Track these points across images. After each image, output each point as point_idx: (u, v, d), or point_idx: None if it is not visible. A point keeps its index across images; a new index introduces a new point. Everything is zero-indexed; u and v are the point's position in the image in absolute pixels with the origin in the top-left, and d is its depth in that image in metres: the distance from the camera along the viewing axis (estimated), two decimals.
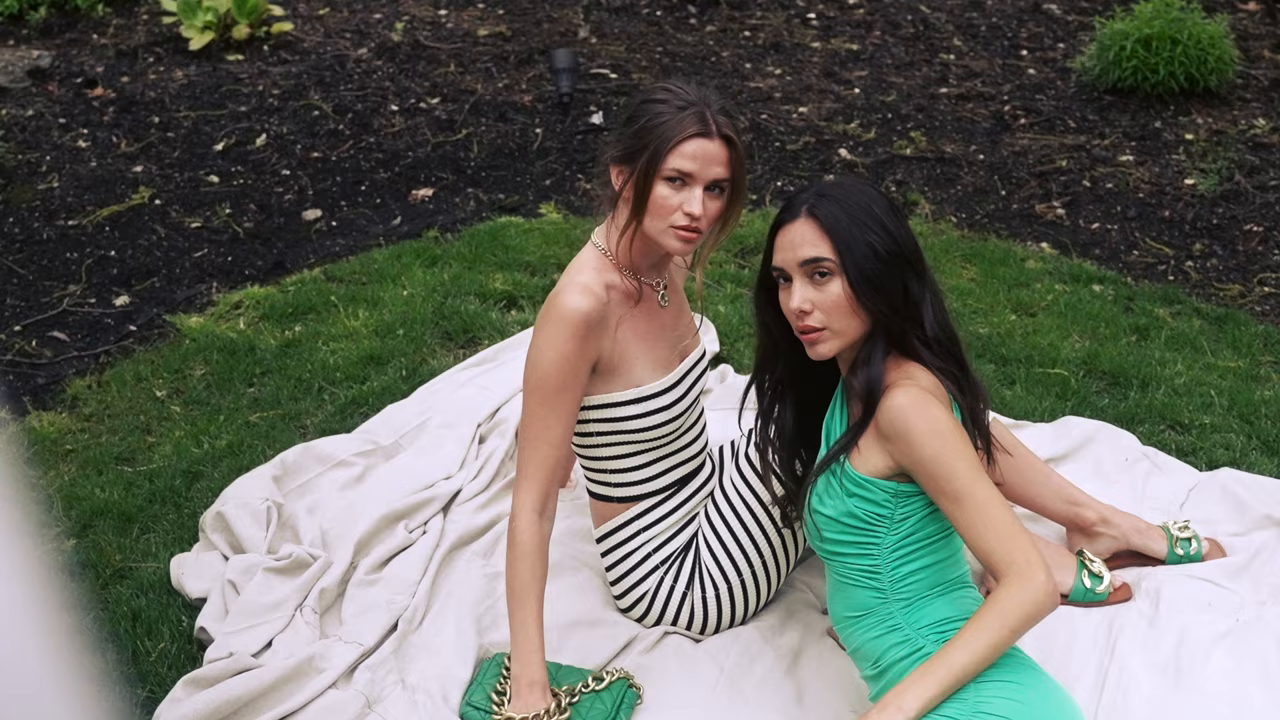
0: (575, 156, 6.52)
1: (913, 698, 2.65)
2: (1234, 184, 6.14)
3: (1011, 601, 2.65)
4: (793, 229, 2.85)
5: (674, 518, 3.44)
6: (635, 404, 3.27)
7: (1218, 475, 4.00)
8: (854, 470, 2.81)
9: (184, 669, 3.39)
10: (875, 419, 2.79)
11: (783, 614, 3.54)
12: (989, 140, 6.68)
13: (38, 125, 6.85)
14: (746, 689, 3.30)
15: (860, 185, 2.91)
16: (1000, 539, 2.68)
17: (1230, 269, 5.53)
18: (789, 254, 2.84)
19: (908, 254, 2.83)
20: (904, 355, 2.85)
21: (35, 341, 5.04)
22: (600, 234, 3.29)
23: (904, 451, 2.73)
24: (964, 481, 2.70)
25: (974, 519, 2.70)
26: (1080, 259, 5.57)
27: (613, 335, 3.20)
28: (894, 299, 2.80)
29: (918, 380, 2.80)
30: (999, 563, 2.68)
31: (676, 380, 3.33)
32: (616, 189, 3.18)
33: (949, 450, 2.70)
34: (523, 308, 5.11)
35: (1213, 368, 4.71)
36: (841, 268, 2.79)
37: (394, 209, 6.09)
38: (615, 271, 3.24)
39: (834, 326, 2.82)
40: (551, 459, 3.14)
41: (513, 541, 3.11)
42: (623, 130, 3.17)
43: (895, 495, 2.80)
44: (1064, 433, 4.21)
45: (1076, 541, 3.69)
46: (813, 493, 2.89)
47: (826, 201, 2.83)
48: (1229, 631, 3.41)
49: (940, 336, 2.85)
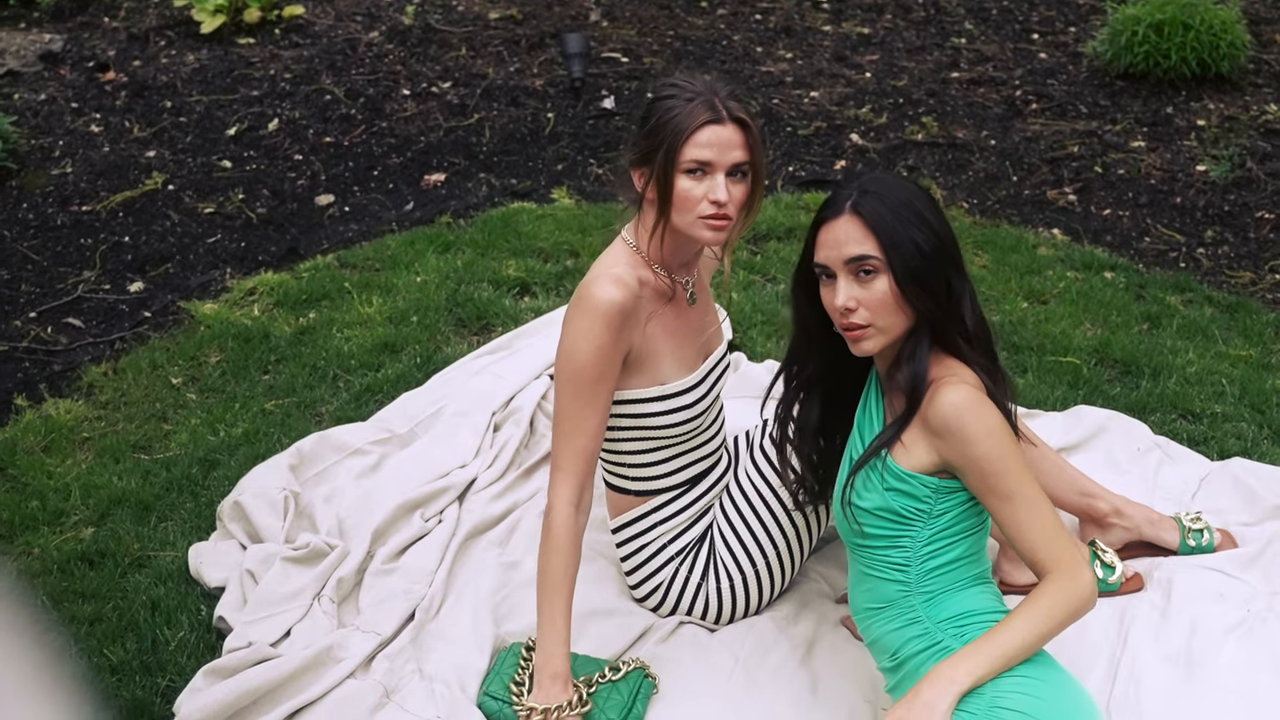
0: (587, 141, 6.53)
1: (965, 671, 2.69)
2: (1246, 170, 6.14)
3: (1061, 596, 2.72)
4: (836, 226, 2.84)
5: (690, 511, 3.45)
6: (659, 401, 3.28)
7: (1229, 465, 4.02)
8: (896, 465, 2.83)
9: (203, 658, 3.42)
10: (923, 414, 2.80)
11: (797, 604, 3.56)
12: (1000, 126, 6.68)
13: (50, 110, 6.86)
14: (761, 679, 3.32)
15: (901, 181, 2.91)
16: (1047, 539, 2.74)
17: (1242, 256, 5.54)
18: (833, 251, 2.84)
19: (949, 249, 2.83)
20: (944, 351, 2.86)
21: (51, 328, 5.06)
22: (630, 231, 3.29)
23: (956, 449, 2.75)
24: (1015, 481, 2.73)
25: (1023, 518, 2.74)
26: (1092, 246, 5.58)
27: (643, 330, 3.21)
28: (938, 295, 2.81)
29: (963, 377, 2.81)
30: (1045, 560, 2.74)
31: (700, 379, 3.34)
32: (640, 191, 3.19)
33: (1001, 450, 2.73)
34: (536, 294, 5.12)
35: (1224, 356, 4.71)
36: (887, 265, 2.79)
37: (406, 194, 6.10)
38: (647, 268, 3.25)
39: (879, 324, 2.83)
40: (588, 451, 3.14)
41: (548, 533, 3.11)
42: (637, 133, 3.18)
43: (936, 490, 2.82)
44: (1076, 422, 4.22)
45: (1089, 532, 3.70)
46: (851, 487, 2.90)
47: (870, 198, 2.82)
48: (1240, 622, 3.43)
49: (978, 330, 2.86)
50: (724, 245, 3.23)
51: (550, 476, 3.16)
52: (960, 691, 2.69)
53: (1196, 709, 3.17)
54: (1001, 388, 2.86)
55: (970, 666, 2.71)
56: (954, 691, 2.69)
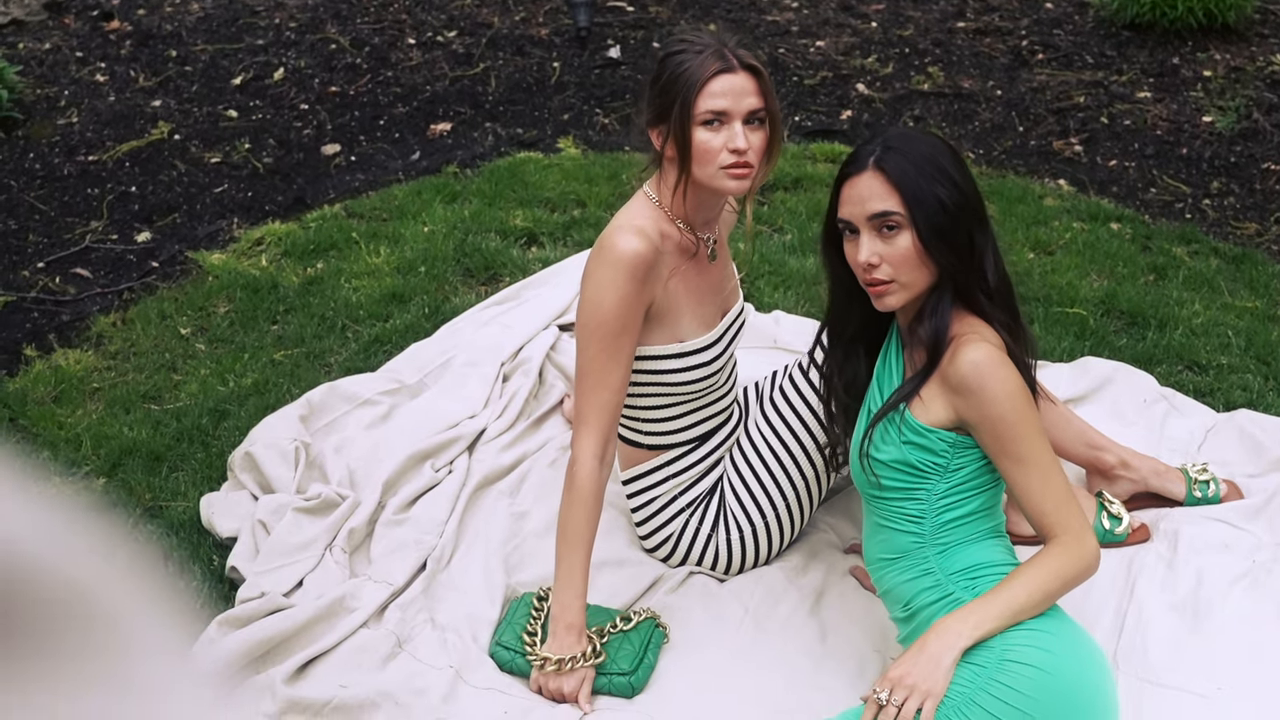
0: (593, 91, 6.53)
1: (971, 625, 2.73)
2: (1252, 122, 6.13)
3: (1067, 558, 2.75)
4: (860, 182, 2.84)
5: (702, 465, 3.47)
6: (677, 358, 3.29)
7: (1235, 417, 4.04)
8: (914, 419, 2.84)
9: (217, 608, 3.44)
10: (942, 371, 2.81)
11: (806, 554, 3.58)
12: (1006, 76, 6.67)
13: (55, 59, 6.85)
14: (771, 628, 3.35)
15: (925, 136, 2.91)
16: (1056, 504, 2.77)
17: (1247, 208, 5.54)
18: (856, 207, 2.84)
19: (973, 204, 2.84)
20: (966, 307, 2.86)
21: (59, 278, 5.07)
22: (652, 186, 3.28)
23: (973, 407, 2.76)
24: (1029, 445, 2.75)
25: (1034, 482, 2.76)
26: (1098, 197, 5.59)
27: (665, 286, 3.21)
28: (961, 250, 2.81)
29: (984, 336, 2.81)
30: (1052, 524, 2.77)
31: (718, 337, 3.35)
32: (659, 149, 3.19)
33: (1018, 413, 2.74)
34: (543, 245, 5.13)
35: (1230, 308, 4.73)
36: (910, 221, 2.79)
37: (412, 144, 6.10)
38: (670, 223, 3.25)
39: (902, 279, 2.83)
40: (612, 404, 3.14)
41: (571, 486, 3.11)
42: (650, 93, 3.18)
43: (953, 446, 2.83)
44: (1082, 373, 4.24)
45: (1096, 484, 3.73)
46: (869, 439, 2.92)
47: (893, 154, 2.81)
48: (1246, 573, 3.45)
49: (1000, 286, 2.87)
50: (746, 195, 3.23)
51: (574, 430, 3.17)
52: (965, 646, 2.72)
53: (1202, 658, 3.20)
54: (1022, 344, 2.87)
55: (976, 621, 2.74)
56: (959, 645, 2.72)
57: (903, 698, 2.71)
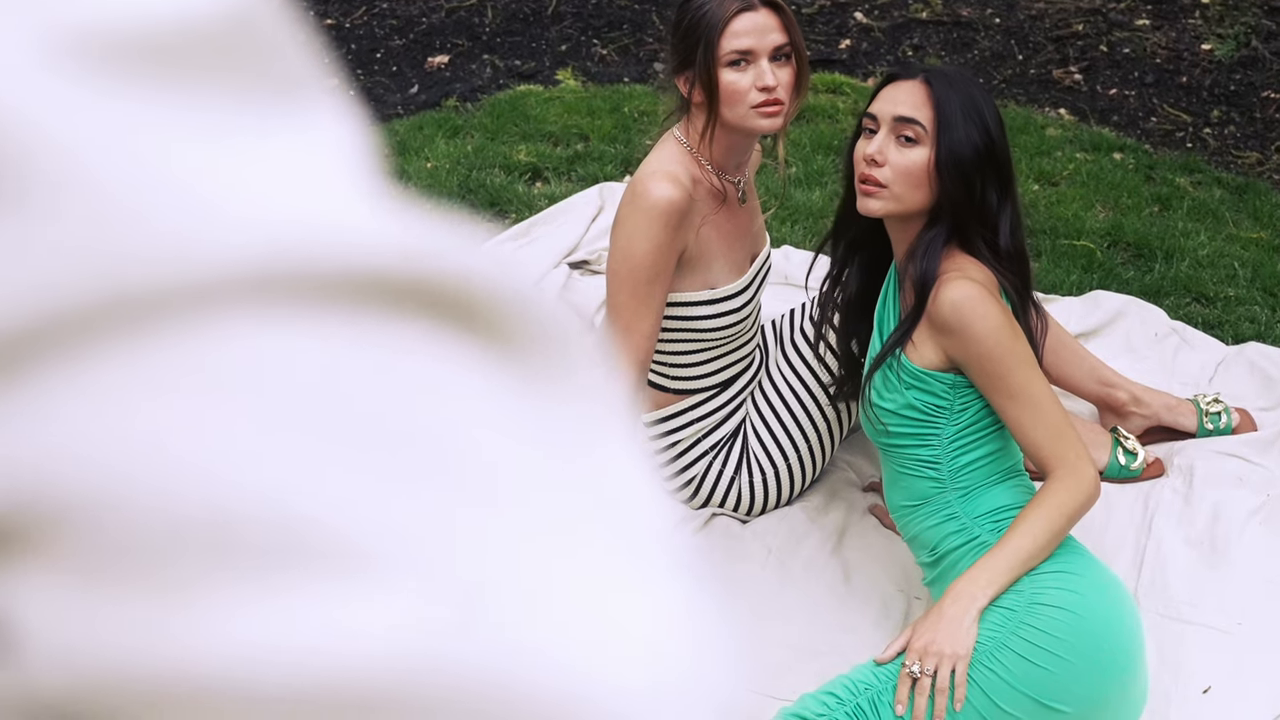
0: (590, 22, 6.49)
1: (985, 583, 2.74)
2: (1251, 50, 6.13)
3: (1067, 493, 2.75)
4: (902, 86, 2.86)
5: (725, 409, 3.49)
6: (708, 305, 3.30)
7: (1245, 350, 4.07)
8: (910, 363, 2.86)
9: None
10: (929, 312, 2.82)
11: (826, 494, 3.61)
12: (1005, 4, 6.65)
13: None
14: (794, 568, 3.38)
15: (977, 85, 2.95)
16: (1051, 437, 2.77)
17: (1248, 136, 5.55)
18: (889, 106, 2.85)
19: (997, 158, 2.84)
20: (961, 249, 2.87)
21: None
22: (681, 130, 3.27)
23: (959, 346, 2.78)
24: (1019, 378, 2.76)
25: (1027, 416, 2.77)
26: (1099, 126, 5.59)
27: (696, 231, 3.21)
28: (970, 191, 2.82)
29: (967, 272, 2.82)
30: (1049, 457, 2.78)
31: (748, 283, 3.36)
32: (685, 95, 3.19)
33: (1004, 347, 2.75)
34: (548, 180, 5.12)
35: (1235, 239, 4.74)
36: (932, 139, 2.81)
37: (410, 77, 6.07)
38: (699, 168, 3.24)
39: (896, 189, 2.83)
40: (643, 351, 3.15)
41: None
42: (672, 40, 3.18)
43: (953, 387, 2.85)
44: (1094, 307, 4.26)
45: (1109, 420, 3.76)
46: (871, 387, 2.94)
47: (943, 79, 2.85)
48: (1261, 506, 3.49)
49: (1011, 253, 2.88)
50: (778, 133, 3.23)
51: None
52: (983, 605, 2.74)
53: (1222, 593, 3.24)
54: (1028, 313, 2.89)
55: (988, 579, 2.75)
56: (976, 607, 2.74)
57: (933, 665, 2.73)
